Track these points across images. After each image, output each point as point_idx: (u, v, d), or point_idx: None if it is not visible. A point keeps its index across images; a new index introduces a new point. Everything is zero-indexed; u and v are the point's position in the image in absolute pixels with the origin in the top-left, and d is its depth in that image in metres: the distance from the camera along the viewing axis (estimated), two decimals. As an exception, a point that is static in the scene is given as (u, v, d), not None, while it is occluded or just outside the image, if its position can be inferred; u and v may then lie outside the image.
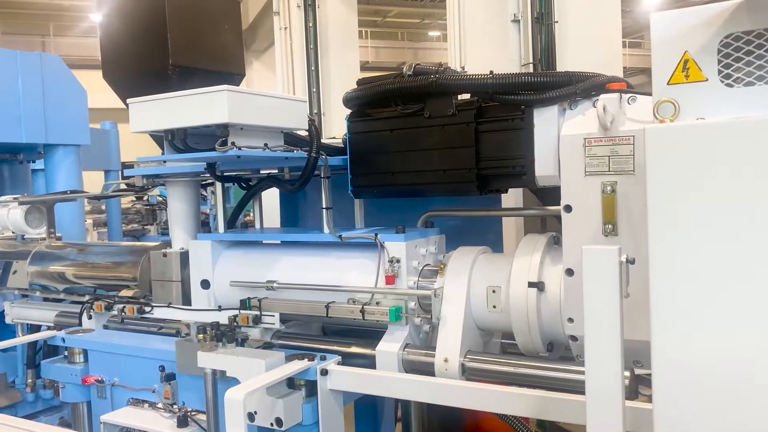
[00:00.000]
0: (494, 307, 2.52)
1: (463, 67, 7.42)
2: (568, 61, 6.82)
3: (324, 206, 2.91)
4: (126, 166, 8.00)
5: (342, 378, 2.55)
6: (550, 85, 2.38)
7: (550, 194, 2.53)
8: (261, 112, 2.65)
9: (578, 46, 6.80)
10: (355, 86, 2.93)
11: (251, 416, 2.45)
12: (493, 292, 2.51)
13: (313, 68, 10.14)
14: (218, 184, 3.24)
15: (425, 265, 2.75)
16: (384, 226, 2.96)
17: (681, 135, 1.43)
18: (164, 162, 3.05)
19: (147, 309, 3.19)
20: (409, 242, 2.67)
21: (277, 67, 10.91)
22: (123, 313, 3.25)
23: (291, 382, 2.59)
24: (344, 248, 2.89)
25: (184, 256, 3.21)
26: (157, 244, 3.53)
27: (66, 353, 3.33)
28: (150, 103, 2.67)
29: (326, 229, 2.90)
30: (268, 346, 2.80)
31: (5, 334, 4.60)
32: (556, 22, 6.69)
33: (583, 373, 2.14)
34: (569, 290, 2.30)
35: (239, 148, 2.57)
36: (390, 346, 2.59)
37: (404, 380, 2.47)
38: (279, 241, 3.28)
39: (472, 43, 7.29)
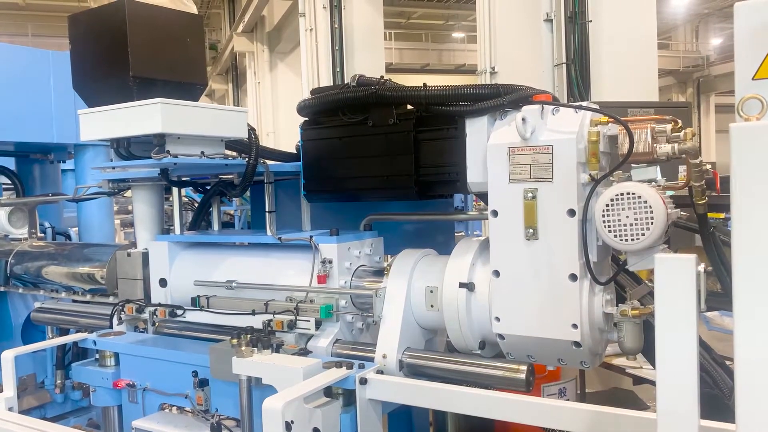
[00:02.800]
0: (432, 306, 2.63)
1: (493, 68, 7.31)
2: (602, 61, 6.68)
3: (267, 210, 3.08)
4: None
5: (381, 387, 2.45)
6: (479, 96, 2.49)
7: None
8: (197, 122, 2.86)
9: (612, 46, 6.65)
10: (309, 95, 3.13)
11: (288, 426, 2.35)
12: (431, 292, 2.63)
13: (338, 69, 10.10)
14: (175, 190, 3.45)
15: (360, 266, 2.90)
16: (343, 229, 3.05)
17: (770, 134, 1.31)
18: (113, 168, 3.27)
19: (179, 312, 3.14)
20: (341, 244, 2.82)
21: (302, 68, 10.90)
22: (154, 317, 3.20)
23: (328, 391, 2.50)
24: (286, 249, 3.04)
25: (146, 256, 3.39)
26: (125, 244, 3.80)
27: (97, 356, 3.28)
28: (96, 114, 2.90)
29: (269, 232, 3.05)
30: (303, 352, 2.72)
31: (35, 334, 4.61)
32: (590, 21, 6.56)
33: (508, 369, 2.41)
34: (496, 290, 2.42)
35: (175, 156, 2.79)
36: (321, 341, 2.75)
37: (448, 391, 2.37)
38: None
39: (502, 43, 7.17)
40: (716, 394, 2.46)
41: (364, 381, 2.44)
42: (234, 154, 3.33)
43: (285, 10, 15.25)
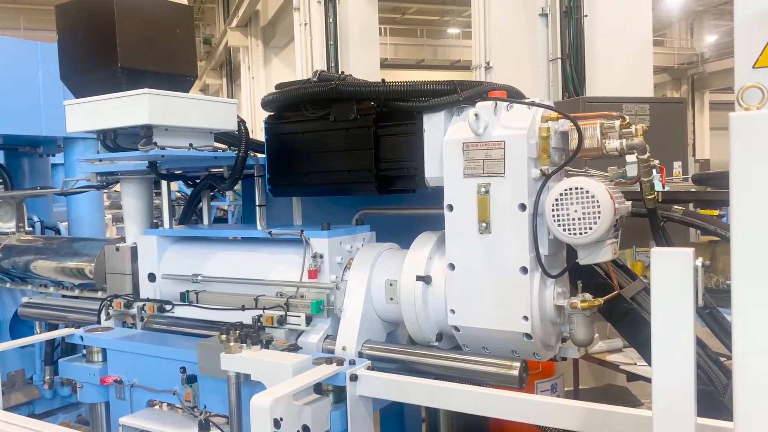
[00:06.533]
0: (391, 299, 2.66)
1: (487, 63, 7.27)
2: (597, 56, 6.64)
3: (257, 204, 3.05)
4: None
5: (372, 384, 2.41)
6: (436, 92, 2.50)
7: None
8: (185, 113, 2.81)
9: (608, 41, 6.62)
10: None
11: (277, 423, 2.31)
12: (391, 285, 2.66)
13: (333, 64, 10.03)
14: (164, 183, 3.38)
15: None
16: (337, 224, 3.01)
17: (770, 124, 1.27)
18: (100, 161, 3.21)
19: (167, 307, 3.10)
20: (333, 239, 2.79)
21: (296, 63, 10.83)
22: (143, 312, 3.15)
23: (318, 387, 2.46)
24: (277, 244, 3.00)
25: (135, 251, 3.34)
26: (114, 238, 3.76)
27: (84, 352, 3.23)
28: (82, 105, 2.86)
29: (259, 226, 3.02)
30: (293, 348, 2.68)
31: (25, 330, 4.55)
32: (586, 15, 6.52)
33: (471, 362, 2.43)
34: (451, 283, 2.46)
35: (163, 148, 2.75)
36: (312, 337, 2.73)
37: (441, 388, 2.33)
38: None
39: (497, 38, 7.13)
40: (711, 390, 2.44)
41: (354, 377, 2.40)
42: (224, 146, 3.28)
43: (279, 4, 15.15)
